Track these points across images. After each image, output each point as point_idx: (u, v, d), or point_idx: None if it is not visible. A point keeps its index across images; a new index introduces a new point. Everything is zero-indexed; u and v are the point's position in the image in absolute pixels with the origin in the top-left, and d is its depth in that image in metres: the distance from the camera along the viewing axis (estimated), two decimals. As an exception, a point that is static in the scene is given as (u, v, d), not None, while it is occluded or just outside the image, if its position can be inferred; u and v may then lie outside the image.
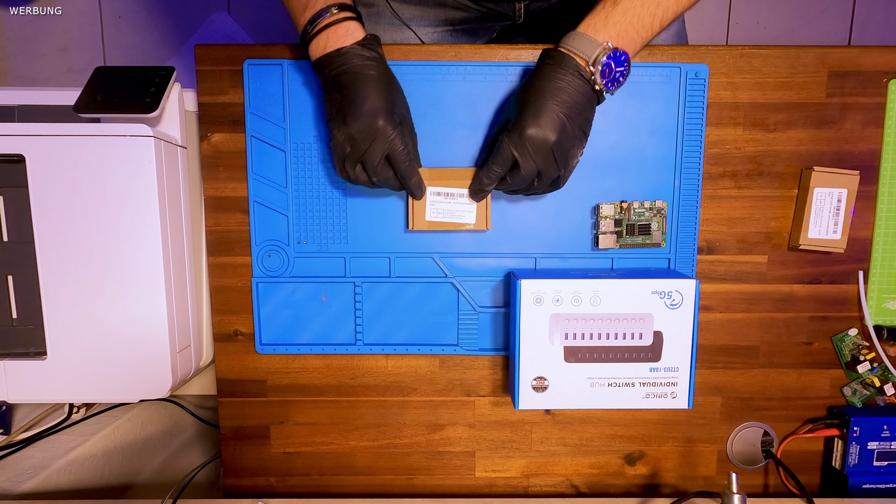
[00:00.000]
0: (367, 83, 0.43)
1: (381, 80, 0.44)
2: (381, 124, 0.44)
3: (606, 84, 0.43)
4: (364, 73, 0.43)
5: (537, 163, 0.44)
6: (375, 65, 0.44)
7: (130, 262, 0.47)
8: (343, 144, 0.45)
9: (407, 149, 0.45)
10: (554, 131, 0.43)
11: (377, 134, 0.44)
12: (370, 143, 0.44)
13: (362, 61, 0.44)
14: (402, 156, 0.45)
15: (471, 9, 0.63)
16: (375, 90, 0.43)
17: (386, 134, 0.44)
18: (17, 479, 0.52)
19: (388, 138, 0.44)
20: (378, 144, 0.44)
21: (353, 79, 0.44)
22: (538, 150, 0.43)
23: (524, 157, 0.43)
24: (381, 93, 0.44)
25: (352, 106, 0.44)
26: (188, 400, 0.73)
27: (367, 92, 0.43)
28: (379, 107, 0.43)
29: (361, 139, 0.44)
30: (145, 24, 1.29)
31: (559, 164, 0.45)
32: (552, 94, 0.43)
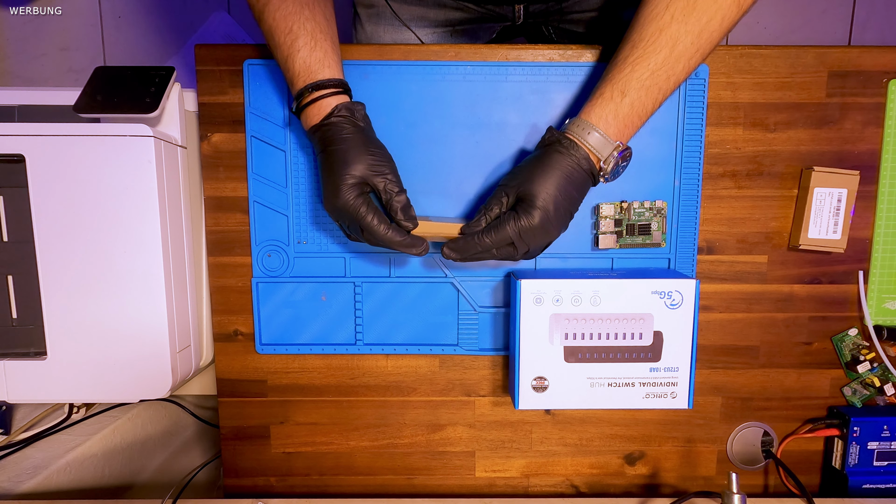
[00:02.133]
0: (329, 162, 0.44)
1: (341, 152, 0.44)
2: (338, 204, 0.44)
3: (609, 178, 0.45)
4: (326, 151, 0.44)
5: (530, 246, 0.44)
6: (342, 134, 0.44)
7: (130, 262, 0.47)
8: (330, 213, 0.46)
9: (375, 217, 0.44)
10: (559, 227, 0.44)
11: (340, 212, 0.44)
12: (344, 221, 0.45)
13: (330, 134, 0.44)
14: (373, 227, 0.44)
15: (471, 9, 0.64)
16: (337, 164, 0.44)
17: (346, 210, 0.44)
18: (17, 479, 0.52)
19: (350, 213, 0.44)
20: (348, 220, 0.45)
21: (322, 159, 0.45)
22: (538, 238, 0.44)
23: (522, 242, 0.44)
24: (339, 167, 0.43)
25: (323, 185, 0.45)
26: (188, 400, 0.73)
27: (329, 170, 0.44)
28: (335, 185, 0.43)
29: (337, 217, 0.46)
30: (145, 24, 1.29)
31: (545, 247, 0.46)
32: (565, 187, 0.43)
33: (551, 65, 0.52)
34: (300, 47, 0.44)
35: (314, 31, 0.44)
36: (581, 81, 0.52)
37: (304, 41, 0.44)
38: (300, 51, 0.44)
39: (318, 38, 0.44)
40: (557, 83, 0.52)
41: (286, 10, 0.44)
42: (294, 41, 0.44)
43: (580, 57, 0.51)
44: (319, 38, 0.44)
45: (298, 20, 0.44)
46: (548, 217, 0.43)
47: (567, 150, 0.43)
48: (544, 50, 0.52)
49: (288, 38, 0.44)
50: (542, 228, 0.43)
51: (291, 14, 0.44)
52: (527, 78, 0.52)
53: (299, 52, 0.44)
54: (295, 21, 0.44)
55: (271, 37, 0.45)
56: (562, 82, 0.52)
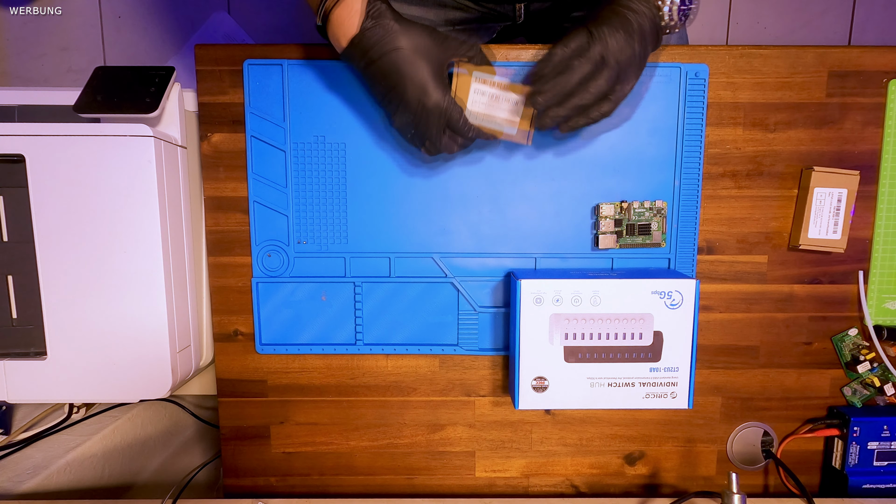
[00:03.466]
0: (395, 67, 0.42)
1: (406, 53, 0.42)
2: (429, 105, 0.43)
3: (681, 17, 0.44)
4: (387, 57, 0.42)
5: (605, 56, 0.42)
6: (393, 34, 0.42)
7: (130, 262, 0.47)
8: (402, 129, 0.46)
9: (463, 116, 0.44)
10: (630, 35, 0.42)
11: (428, 115, 0.43)
12: (426, 126, 0.44)
13: (378, 41, 0.42)
14: (462, 127, 0.45)
15: (471, 9, 0.64)
16: (407, 68, 0.42)
17: (437, 111, 0.43)
18: (17, 479, 0.52)
19: (441, 114, 0.43)
20: (433, 124, 0.44)
21: (381, 67, 0.42)
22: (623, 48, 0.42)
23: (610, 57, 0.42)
24: (413, 68, 0.42)
25: (394, 95, 0.43)
26: (188, 400, 0.73)
27: (400, 75, 0.42)
28: (419, 87, 0.42)
29: (416, 123, 0.44)
30: (145, 24, 1.29)
31: (618, 78, 0.43)
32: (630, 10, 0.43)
33: (551, 65, 0.51)
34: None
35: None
36: (581, 81, 0.52)
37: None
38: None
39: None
40: (557, 83, 0.52)
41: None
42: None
43: (580, 57, 0.51)
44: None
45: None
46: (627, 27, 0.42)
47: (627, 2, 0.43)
48: (544, 50, 0.52)
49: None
50: (626, 36, 0.42)
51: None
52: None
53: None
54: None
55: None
56: (562, 82, 0.52)
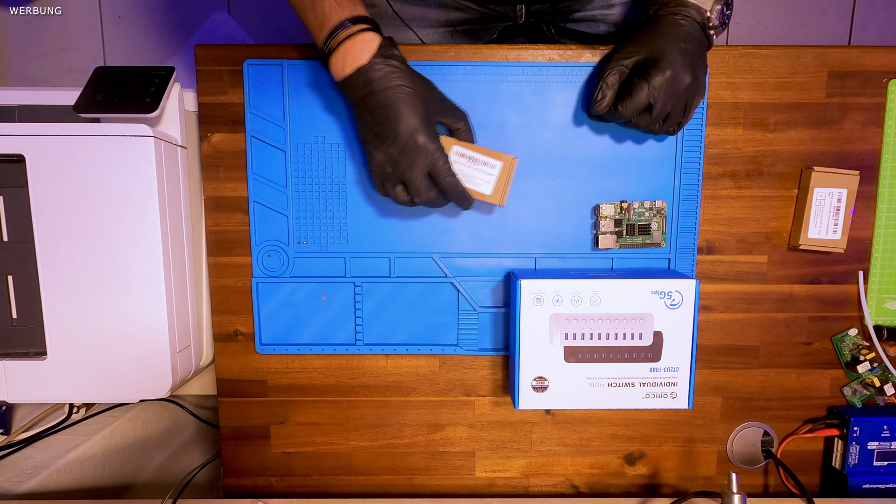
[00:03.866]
0: (395, 101, 0.43)
1: (408, 92, 0.43)
2: (420, 142, 0.43)
3: (719, 26, 0.47)
4: (389, 91, 0.43)
5: (669, 106, 0.45)
6: (399, 74, 0.43)
7: (130, 262, 0.47)
8: (383, 165, 0.45)
9: (447, 163, 0.45)
10: (690, 73, 0.45)
11: (416, 153, 0.44)
12: (410, 163, 0.44)
13: (384, 76, 0.43)
14: (443, 170, 0.45)
15: (472, 9, 0.63)
16: (405, 105, 0.43)
17: (426, 151, 0.44)
18: (17, 479, 0.52)
19: (428, 154, 0.44)
20: (418, 163, 0.44)
21: (381, 99, 0.43)
22: (674, 92, 0.45)
23: (660, 100, 0.45)
24: (411, 107, 0.43)
25: (386, 127, 0.43)
26: (188, 400, 0.73)
27: (398, 109, 0.43)
28: (413, 124, 0.43)
29: (401, 159, 0.44)
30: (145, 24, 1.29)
31: (686, 108, 0.47)
32: (684, 38, 0.45)
33: (551, 65, 0.52)
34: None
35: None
36: (581, 81, 0.52)
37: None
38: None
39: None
40: (557, 83, 0.52)
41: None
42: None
43: (580, 57, 0.51)
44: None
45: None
46: (677, 68, 0.44)
47: (676, 9, 0.46)
48: (544, 50, 0.52)
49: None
50: (675, 79, 0.44)
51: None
52: (527, 78, 0.52)
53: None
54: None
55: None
56: (562, 82, 0.52)
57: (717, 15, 0.46)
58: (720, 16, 0.47)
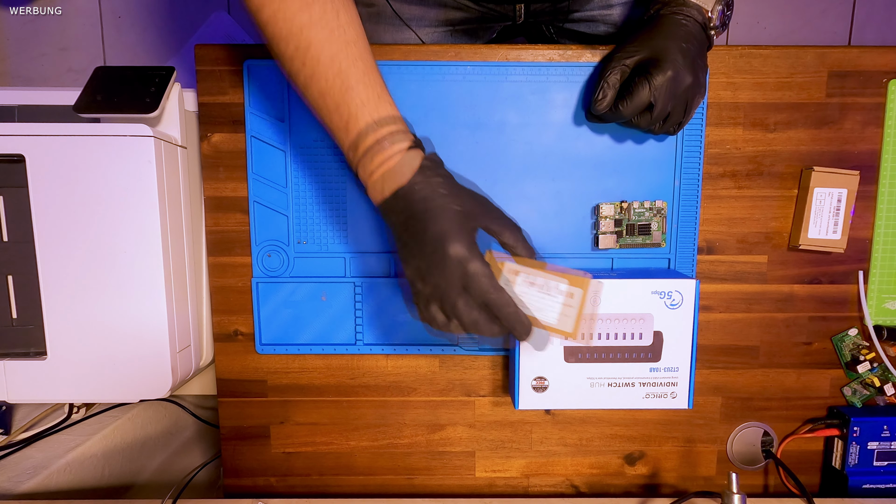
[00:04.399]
0: (426, 211, 0.37)
1: (445, 201, 0.38)
2: (450, 250, 0.37)
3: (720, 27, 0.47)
4: (426, 205, 0.38)
5: (669, 105, 0.45)
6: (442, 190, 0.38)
7: (130, 262, 0.47)
8: (413, 282, 0.39)
9: (490, 275, 0.37)
10: (691, 73, 0.45)
11: (445, 262, 0.37)
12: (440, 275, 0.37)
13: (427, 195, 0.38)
14: (484, 285, 0.37)
15: (471, 9, 0.63)
16: (437, 212, 0.37)
17: (457, 259, 0.37)
18: (17, 479, 0.52)
19: (460, 264, 0.37)
20: (449, 274, 0.37)
21: (417, 213, 0.38)
22: (675, 92, 0.45)
23: (660, 99, 0.45)
24: (442, 211, 0.37)
25: (414, 238, 0.38)
26: (188, 400, 0.73)
27: (428, 217, 0.37)
28: (443, 229, 0.37)
29: (429, 272, 0.38)
30: (145, 24, 1.29)
31: (687, 108, 0.47)
32: (685, 38, 0.45)
33: (551, 65, 0.52)
34: (355, 84, 0.38)
35: (367, 69, 0.38)
36: (581, 81, 0.52)
37: (356, 79, 0.38)
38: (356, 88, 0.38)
39: (372, 74, 0.39)
40: (557, 83, 0.52)
41: (333, 50, 0.38)
42: (345, 80, 0.38)
43: (580, 57, 0.51)
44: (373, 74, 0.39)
45: (347, 58, 0.38)
46: (678, 68, 0.44)
47: (678, 9, 0.46)
48: (544, 50, 0.52)
49: (338, 79, 0.38)
50: (677, 79, 0.44)
51: (339, 52, 0.38)
52: (527, 78, 0.52)
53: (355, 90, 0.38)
54: (344, 60, 0.38)
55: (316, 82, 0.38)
56: (562, 82, 0.52)
57: (717, 15, 0.46)
58: (721, 16, 0.47)
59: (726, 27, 0.48)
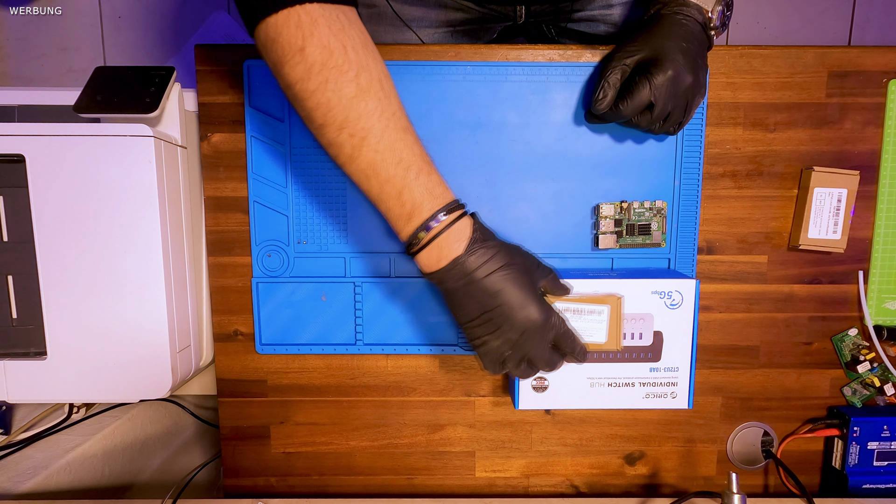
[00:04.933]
0: (503, 286, 0.40)
1: (512, 271, 0.41)
2: (539, 320, 0.41)
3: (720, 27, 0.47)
4: (494, 276, 0.40)
5: (670, 105, 0.45)
6: (498, 256, 0.41)
7: (130, 262, 0.47)
8: (500, 349, 0.42)
9: (567, 327, 0.44)
10: (691, 73, 0.45)
11: (537, 331, 0.42)
12: (533, 343, 0.42)
13: (485, 263, 0.40)
14: (567, 337, 0.44)
15: (472, 10, 0.63)
16: (513, 286, 0.41)
17: (548, 325, 0.42)
18: (17, 479, 0.52)
19: (552, 328, 0.42)
20: (543, 339, 0.42)
21: (486, 286, 0.40)
22: (675, 92, 0.45)
23: (661, 99, 0.45)
24: (519, 286, 0.41)
25: (499, 314, 0.41)
26: (188, 400, 0.73)
27: (508, 294, 0.40)
28: (528, 305, 0.41)
29: (523, 341, 0.42)
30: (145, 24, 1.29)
31: (687, 108, 0.47)
32: (685, 38, 0.45)
33: (551, 65, 0.52)
34: (416, 174, 0.39)
35: (423, 155, 0.40)
36: (581, 81, 0.52)
37: (418, 168, 0.39)
38: (418, 178, 0.39)
39: (428, 161, 0.40)
40: (557, 83, 0.52)
41: (392, 138, 0.38)
42: (407, 170, 0.39)
43: (580, 57, 0.51)
44: (429, 161, 0.41)
45: (406, 146, 0.39)
46: (679, 67, 0.44)
47: (678, 9, 0.46)
48: (544, 50, 0.52)
49: (399, 168, 0.39)
50: (677, 79, 0.44)
51: (398, 141, 0.39)
52: (527, 78, 0.52)
53: (417, 179, 0.39)
54: (403, 148, 0.39)
55: (375, 172, 0.39)
56: (562, 82, 0.52)
57: (718, 15, 0.47)
58: (721, 16, 0.47)
59: (726, 27, 0.48)
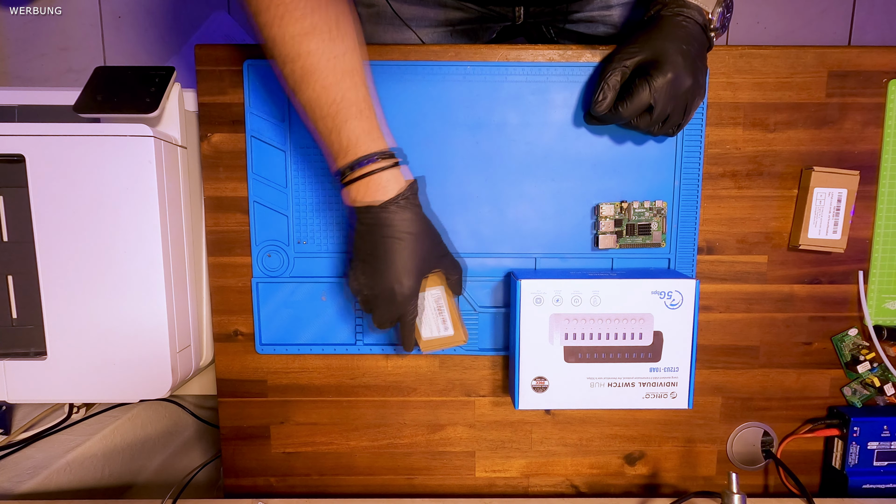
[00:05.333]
0: (394, 249, 0.43)
1: (411, 244, 0.43)
2: (398, 296, 0.44)
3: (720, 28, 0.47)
4: (394, 238, 0.43)
5: (669, 107, 0.45)
6: (410, 223, 0.43)
7: (130, 262, 0.47)
8: (359, 290, 0.46)
9: (412, 319, 0.47)
10: (691, 75, 0.45)
11: (391, 303, 0.44)
12: (382, 307, 0.45)
13: (397, 222, 0.42)
14: (406, 326, 0.47)
15: (471, 10, 0.63)
16: (402, 255, 0.43)
17: (401, 304, 0.45)
18: (17, 479, 0.52)
19: (400, 308, 0.45)
20: (390, 310, 0.45)
21: (383, 240, 0.43)
22: (674, 94, 0.45)
23: (660, 101, 0.45)
24: (405, 258, 0.43)
25: (377, 267, 0.44)
26: (188, 400, 0.73)
27: (393, 258, 0.43)
28: (401, 277, 0.44)
29: (375, 300, 0.45)
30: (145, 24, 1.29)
31: (686, 110, 0.47)
32: (685, 39, 0.45)
33: (551, 65, 0.52)
34: (355, 115, 0.41)
35: (365, 98, 0.41)
36: (581, 81, 0.52)
37: (356, 109, 0.41)
38: (356, 118, 0.41)
39: (369, 104, 0.42)
40: (557, 83, 0.52)
41: (332, 79, 0.40)
42: (344, 109, 0.41)
43: (580, 57, 0.51)
44: (370, 105, 0.42)
45: (348, 87, 0.40)
46: (678, 69, 0.44)
47: (678, 10, 0.46)
48: (544, 50, 0.52)
49: (333, 107, 0.40)
50: (677, 81, 0.44)
51: (338, 82, 0.40)
52: (527, 78, 0.52)
53: (355, 120, 0.41)
54: (345, 89, 0.41)
55: (316, 106, 0.41)
56: (562, 82, 0.52)
57: (718, 17, 0.46)
58: (721, 18, 0.47)
59: (726, 29, 0.48)
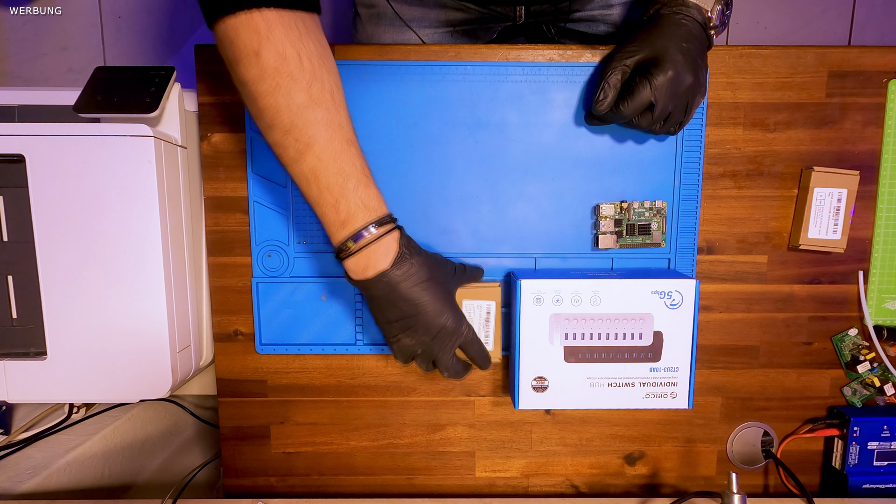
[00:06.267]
0: (421, 296, 0.43)
1: (431, 283, 0.44)
2: (450, 327, 0.45)
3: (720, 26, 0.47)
4: (415, 288, 0.43)
5: (670, 105, 0.45)
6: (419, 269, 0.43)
7: (130, 262, 0.47)
8: (412, 348, 0.46)
9: (474, 335, 0.47)
10: (691, 73, 0.45)
11: (447, 337, 0.45)
12: (442, 346, 0.46)
13: (408, 276, 0.43)
14: (474, 343, 0.47)
15: (471, 10, 0.64)
16: (431, 296, 0.44)
17: (458, 333, 0.46)
18: (17, 479, 0.52)
19: (460, 336, 0.46)
20: (450, 344, 0.46)
21: (406, 295, 0.43)
22: (675, 92, 0.45)
23: (661, 99, 0.45)
24: (436, 296, 0.44)
25: (417, 320, 0.44)
26: (188, 400, 0.73)
27: (426, 303, 0.44)
28: (442, 313, 0.44)
29: (434, 344, 0.45)
30: (145, 24, 1.29)
31: (687, 108, 0.47)
32: (685, 38, 0.45)
33: (551, 65, 0.52)
34: (355, 186, 0.41)
35: (363, 168, 0.42)
36: (582, 81, 0.52)
37: (357, 180, 0.41)
38: (356, 190, 0.41)
39: (368, 174, 0.42)
40: (557, 83, 0.52)
41: (335, 150, 0.40)
42: (346, 181, 0.41)
43: (580, 57, 0.51)
44: (368, 175, 0.42)
45: (348, 158, 0.41)
46: (679, 68, 0.44)
47: (677, 8, 0.46)
48: (544, 50, 0.52)
49: (339, 177, 0.40)
50: (677, 79, 0.44)
51: (343, 152, 0.40)
52: (527, 78, 0.52)
53: (355, 191, 0.41)
54: (352, 157, 0.41)
55: (316, 178, 0.40)
56: (562, 82, 0.52)
57: (717, 15, 0.47)
58: (720, 16, 0.47)
59: (726, 26, 0.48)
